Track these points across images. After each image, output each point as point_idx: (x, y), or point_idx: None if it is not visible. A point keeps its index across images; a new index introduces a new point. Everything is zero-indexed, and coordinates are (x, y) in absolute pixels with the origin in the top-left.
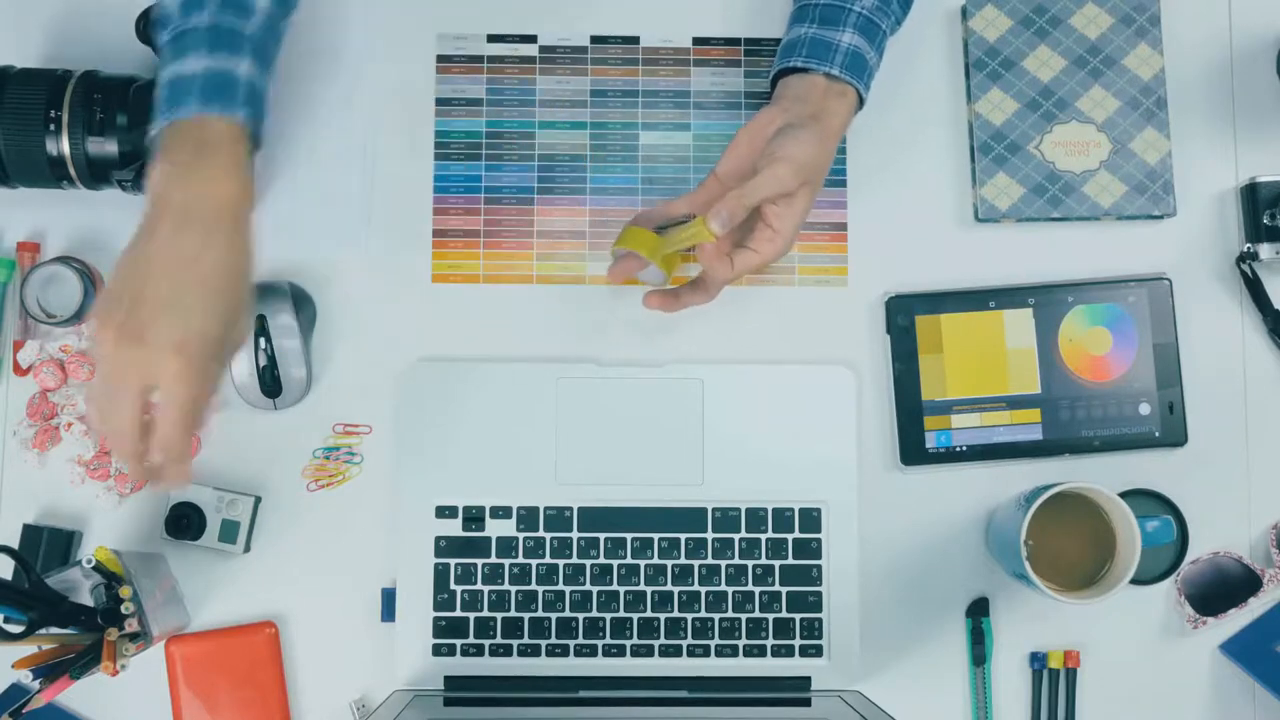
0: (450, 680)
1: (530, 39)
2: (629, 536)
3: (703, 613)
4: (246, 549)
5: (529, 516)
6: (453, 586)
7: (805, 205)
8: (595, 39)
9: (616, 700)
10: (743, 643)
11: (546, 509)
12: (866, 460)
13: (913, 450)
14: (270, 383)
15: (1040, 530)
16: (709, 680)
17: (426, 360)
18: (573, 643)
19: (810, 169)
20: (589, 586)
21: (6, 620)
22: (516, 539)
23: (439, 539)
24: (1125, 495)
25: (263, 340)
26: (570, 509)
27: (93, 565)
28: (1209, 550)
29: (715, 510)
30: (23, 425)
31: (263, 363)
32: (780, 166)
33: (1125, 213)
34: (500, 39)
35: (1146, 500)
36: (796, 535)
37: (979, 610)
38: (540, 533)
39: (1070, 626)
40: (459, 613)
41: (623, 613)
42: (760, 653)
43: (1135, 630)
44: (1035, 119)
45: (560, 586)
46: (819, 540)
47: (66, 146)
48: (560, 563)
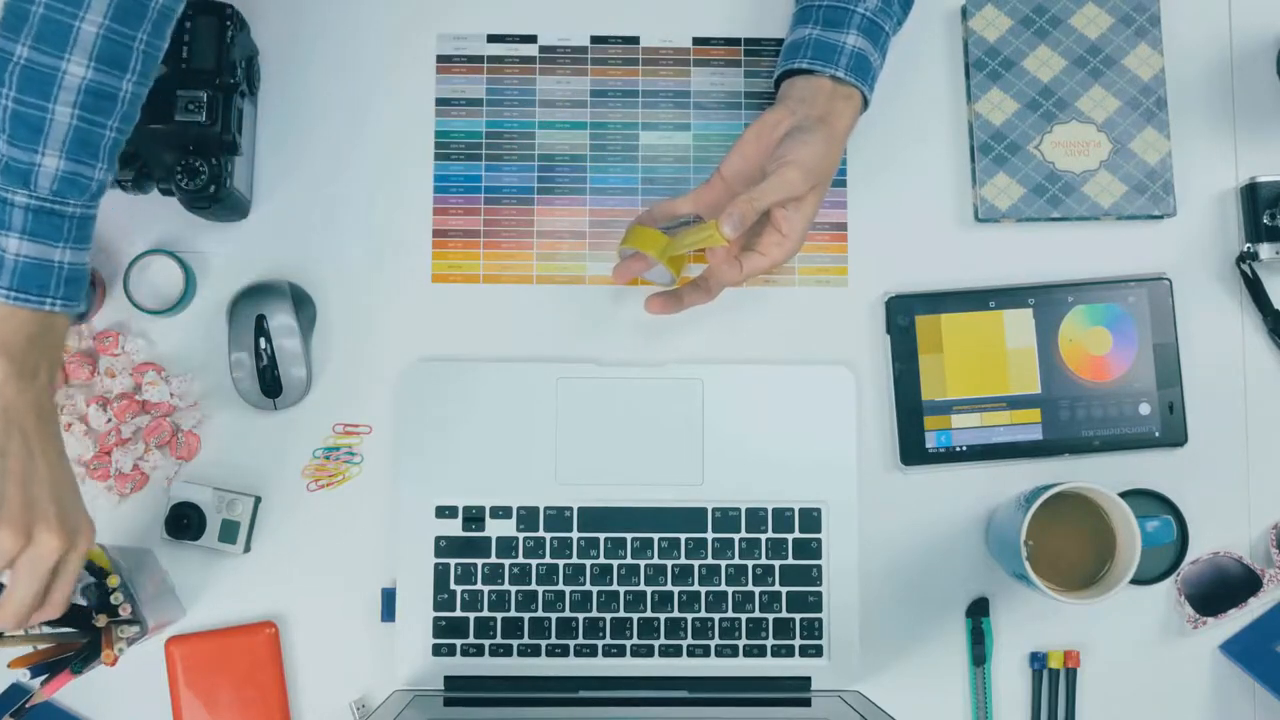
0: (450, 680)
1: (530, 39)
2: (629, 536)
3: (703, 613)
4: (246, 549)
5: (529, 516)
6: (453, 586)
7: (813, 208)
8: (595, 39)
9: (616, 700)
10: (743, 643)
11: (546, 509)
12: (866, 460)
13: (913, 450)
14: (270, 383)
15: (1040, 530)
16: (709, 680)
17: (426, 360)
18: (573, 643)
19: (819, 172)
20: (589, 586)
21: None
22: (516, 539)
23: (439, 539)
24: (1125, 495)
25: (263, 340)
26: (570, 509)
27: None
28: (1209, 550)
29: (715, 510)
30: None
31: (263, 363)
32: (790, 171)
33: (1125, 213)
34: (500, 39)
35: (1146, 500)
36: (796, 535)
37: (979, 610)
38: (540, 533)
39: (1070, 626)
40: (459, 613)
41: (623, 613)
42: (760, 653)
43: (1135, 630)
44: (1035, 119)
45: (560, 586)
46: (819, 540)
47: None
48: (560, 563)
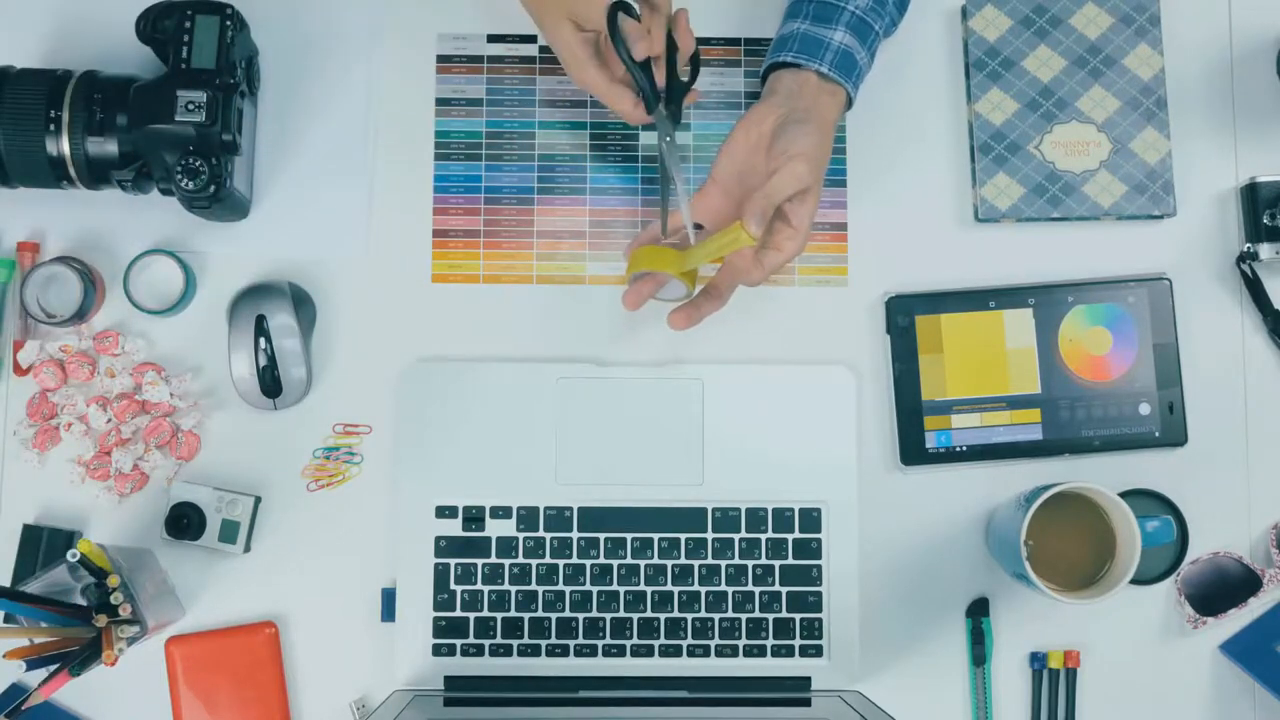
0: (450, 680)
1: (530, 39)
2: (629, 536)
3: (703, 613)
4: (246, 549)
5: (529, 516)
6: (453, 586)
7: (816, 199)
8: None
9: (616, 700)
10: (743, 643)
11: (546, 509)
12: (866, 460)
13: (913, 450)
14: (270, 383)
15: (1040, 530)
16: (709, 680)
17: (426, 360)
18: (573, 643)
19: (821, 163)
20: (589, 586)
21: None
22: (516, 539)
23: (439, 539)
24: (1125, 495)
25: (263, 340)
26: (570, 509)
27: (77, 559)
28: (1209, 550)
29: (715, 510)
30: (23, 425)
31: (263, 363)
32: (799, 163)
33: (1125, 213)
34: (500, 39)
35: (1146, 500)
36: (796, 535)
37: (979, 610)
38: (540, 533)
39: (1070, 626)
40: (459, 613)
41: (623, 613)
42: (760, 653)
43: (1135, 630)
44: (1035, 119)
45: (560, 586)
46: (819, 540)
47: (66, 146)
48: (560, 563)
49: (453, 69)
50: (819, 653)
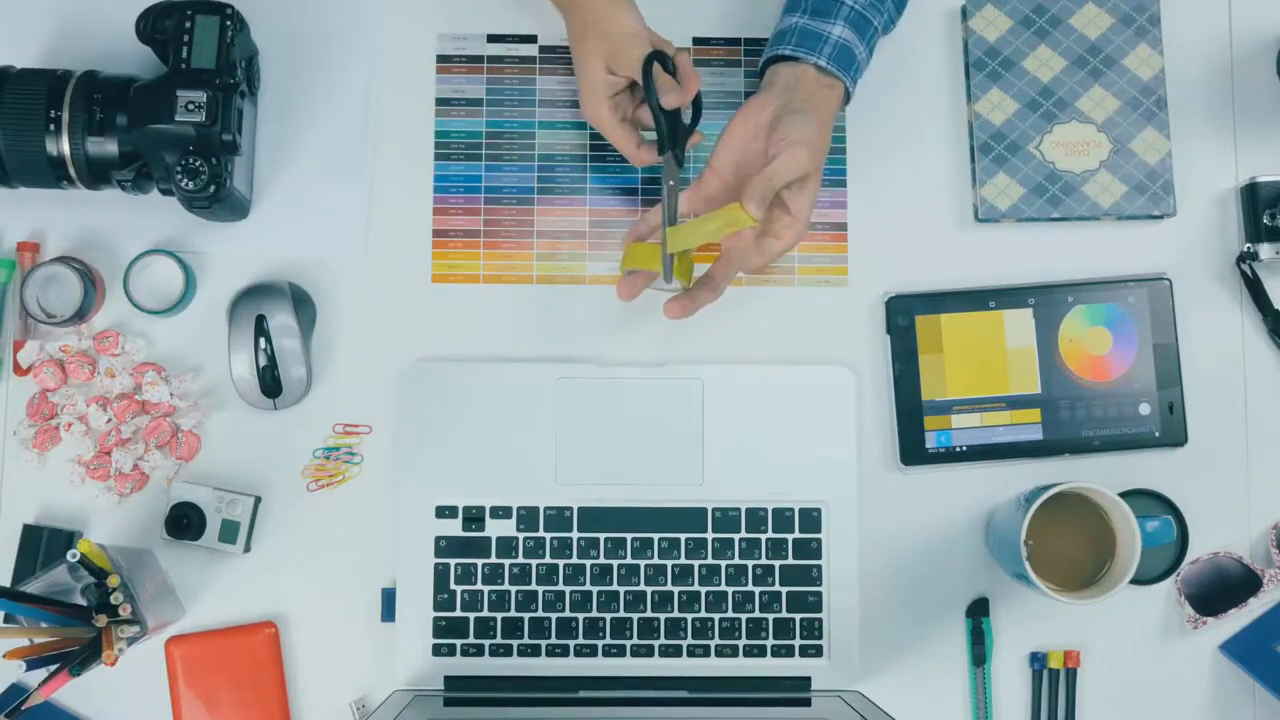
0: (450, 680)
1: (530, 39)
2: (629, 537)
3: (703, 613)
4: (246, 549)
5: (529, 516)
6: (453, 586)
7: (816, 188)
8: None
9: (616, 700)
10: (743, 643)
11: (546, 509)
12: (866, 460)
13: (913, 450)
14: (270, 383)
15: (1040, 530)
16: (709, 680)
17: (426, 360)
18: (573, 643)
19: (820, 151)
20: (589, 586)
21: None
22: (516, 539)
23: (439, 539)
24: (1125, 495)
25: (263, 340)
26: (570, 509)
27: (77, 559)
28: (1209, 550)
29: (715, 510)
30: (23, 425)
31: (263, 363)
32: (799, 149)
33: (1125, 213)
34: (500, 39)
35: (1146, 500)
36: (796, 535)
37: (979, 610)
38: (540, 533)
39: (1070, 626)
40: (459, 613)
41: (623, 613)
42: (760, 653)
43: (1135, 630)
44: (1035, 119)
45: (560, 586)
46: (819, 540)
47: (66, 146)
48: (560, 563)
49: (453, 69)
50: (819, 653)
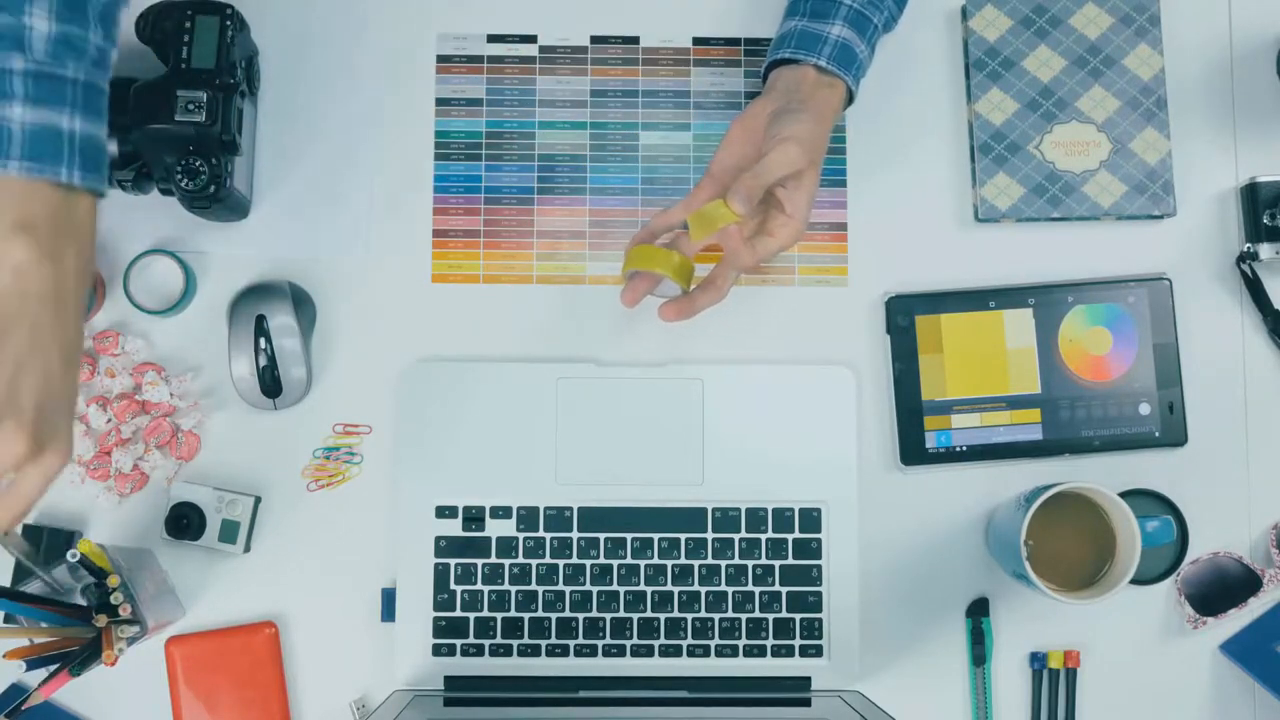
0: (450, 680)
1: (530, 39)
2: (629, 536)
3: (703, 613)
4: (246, 549)
5: (529, 516)
6: (453, 586)
7: (813, 186)
8: (595, 39)
9: (616, 700)
10: (743, 643)
11: (546, 509)
12: (866, 460)
13: (913, 450)
14: (270, 383)
15: (1040, 530)
16: (709, 680)
17: (426, 360)
18: (573, 643)
19: (815, 148)
20: (589, 586)
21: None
22: (516, 539)
23: (439, 539)
24: (1125, 495)
25: (263, 340)
26: (570, 509)
27: (77, 559)
28: (1209, 550)
29: (715, 510)
30: None
31: (263, 363)
32: (790, 146)
33: (1125, 213)
34: (500, 39)
35: (1146, 500)
36: (796, 535)
37: (979, 610)
38: (540, 533)
39: (1070, 626)
40: (459, 613)
41: (623, 613)
42: (760, 653)
43: (1135, 630)
44: (1035, 119)
45: (560, 586)
46: (819, 540)
47: None
48: (560, 563)
49: (453, 69)
50: (819, 653)
